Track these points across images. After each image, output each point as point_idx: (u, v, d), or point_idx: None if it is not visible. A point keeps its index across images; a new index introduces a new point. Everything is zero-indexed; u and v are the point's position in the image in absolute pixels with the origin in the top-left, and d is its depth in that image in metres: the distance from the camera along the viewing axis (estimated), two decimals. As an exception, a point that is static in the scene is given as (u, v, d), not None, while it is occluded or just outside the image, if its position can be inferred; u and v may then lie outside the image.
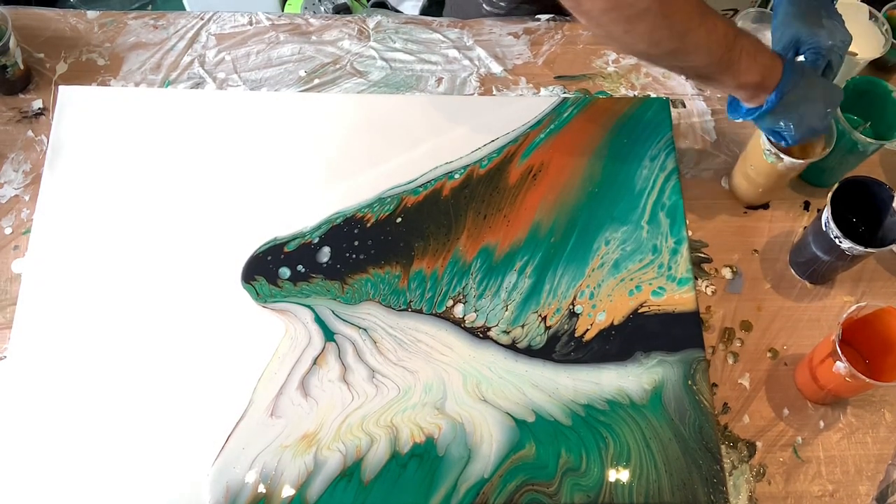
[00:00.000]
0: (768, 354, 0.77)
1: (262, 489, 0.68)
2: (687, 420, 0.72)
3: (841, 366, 0.66)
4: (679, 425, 0.72)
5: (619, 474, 0.70)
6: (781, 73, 0.65)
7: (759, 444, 0.73)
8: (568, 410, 0.72)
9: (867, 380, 0.65)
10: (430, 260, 0.79)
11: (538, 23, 0.96)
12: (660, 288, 0.78)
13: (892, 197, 0.72)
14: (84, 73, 0.89)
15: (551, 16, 0.96)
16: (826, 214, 0.72)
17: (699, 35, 0.60)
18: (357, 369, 0.73)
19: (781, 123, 0.69)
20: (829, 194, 0.72)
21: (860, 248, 0.70)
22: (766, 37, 0.87)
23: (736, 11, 1.04)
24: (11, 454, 0.69)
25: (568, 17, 0.96)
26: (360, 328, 0.75)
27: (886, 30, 0.86)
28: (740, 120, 0.71)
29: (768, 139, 0.74)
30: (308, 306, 0.76)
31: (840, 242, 0.71)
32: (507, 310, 0.77)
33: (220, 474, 0.69)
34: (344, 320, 0.75)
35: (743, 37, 0.64)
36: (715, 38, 0.61)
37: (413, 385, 0.73)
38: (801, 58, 0.70)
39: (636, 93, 0.92)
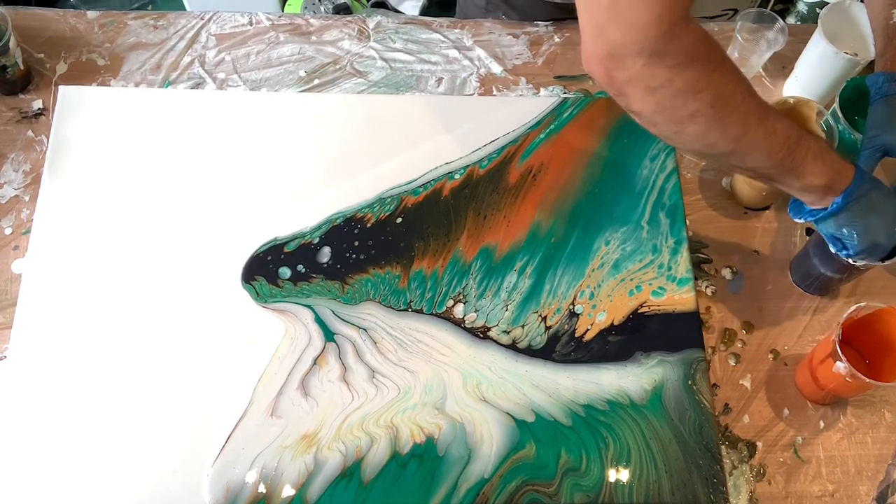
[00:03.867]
0: (769, 355, 0.77)
1: (262, 489, 0.68)
2: (687, 420, 0.72)
3: (841, 366, 0.66)
4: (679, 425, 0.72)
5: (619, 474, 0.70)
6: (852, 178, 0.62)
7: (759, 444, 0.73)
8: (568, 410, 0.72)
9: (867, 380, 0.65)
10: (430, 260, 0.79)
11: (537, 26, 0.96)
12: (660, 288, 0.78)
13: None
14: (84, 74, 0.89)
15: (550, 21, 0.96)
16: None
17: (756, 138, 0.58)
18: (357, 369, 0.73)
19: (844, 230, 0.65)
20: None
21: (879, 263, 0.68)
22: (766, 37, 0.87)
23: (736, 11, 1.04)
24: (12, 454, 0.69)
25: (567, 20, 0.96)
26: (360, 328, 0.75)
27: (886, 30, 0.85)
28: (801, 221, 0.67)
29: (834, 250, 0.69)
30: (308, 306, 0.76)
31: (855, 262, 0.69)
32: (507, 310, 0.77)
33: (220, 474, 0.69)
34: (344, 320, 0.75)
35: (810, 140, 0.61)
36: (775, 140, 0.58)
37: (413, 385, 0.73)
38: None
39: (636, 93, 0.91)
